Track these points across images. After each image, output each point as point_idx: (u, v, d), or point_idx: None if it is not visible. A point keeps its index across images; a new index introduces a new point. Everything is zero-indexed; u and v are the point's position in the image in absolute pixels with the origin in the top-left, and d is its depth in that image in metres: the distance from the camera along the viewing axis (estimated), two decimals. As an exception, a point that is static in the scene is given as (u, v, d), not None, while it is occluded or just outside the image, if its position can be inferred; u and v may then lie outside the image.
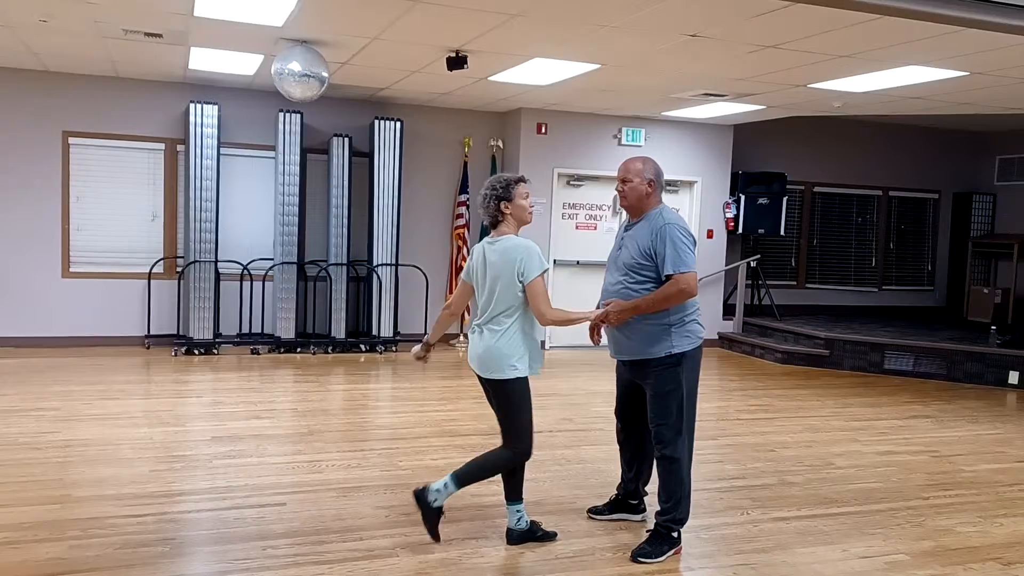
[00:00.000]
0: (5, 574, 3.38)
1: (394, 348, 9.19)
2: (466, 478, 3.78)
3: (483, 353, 3.76)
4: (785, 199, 10.46)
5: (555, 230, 9.79)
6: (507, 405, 3.78)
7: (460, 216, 9.70)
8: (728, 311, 10.55)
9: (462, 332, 9.79)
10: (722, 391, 7.77)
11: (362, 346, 9.10)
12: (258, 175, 9.13)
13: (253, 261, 9.01)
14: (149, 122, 8.73)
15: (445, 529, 3.92)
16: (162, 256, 8.86)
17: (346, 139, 8.93)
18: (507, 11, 5.30)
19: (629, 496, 4.23)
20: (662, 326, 3.76)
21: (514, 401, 3.76)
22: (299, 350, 8.90)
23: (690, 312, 3.81)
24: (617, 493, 4.27)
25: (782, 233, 10.57)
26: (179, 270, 8.77)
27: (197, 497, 4.34)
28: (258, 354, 8.70)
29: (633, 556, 3.75)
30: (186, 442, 5.39)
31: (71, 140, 8.54)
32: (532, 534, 3.93)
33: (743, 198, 10.25)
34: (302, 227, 9.04)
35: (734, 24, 5.33)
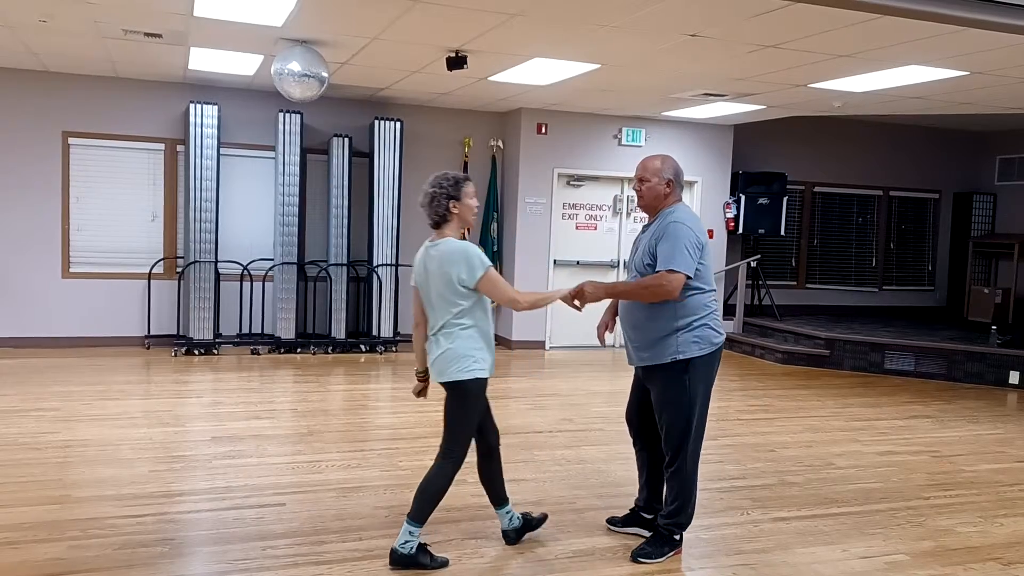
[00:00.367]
0: (5, 574, 3.38)
1: (394, 348, 9.18)
2: (422, 513, 3.56)
3: (440, 357, 3.55)
4: (785, 199, 10.46)
5: (555, 230, 9.79)
6: (461, 407, 3.57)
7: (460, 216, 9.69)
8: (728, 311, 10.54)
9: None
10: (722, 391, 7.76)
11: (362, 346, 9.10)
12: (258, 175, 9.13)
13: (253, 261, 9.01)
14: (149, 122, 8.73)
15: (445, 529, 3.95)
16: (162, 256, 8.86)
17: (346, 139, 8.93)
18: (507, 11, 5.29)
19: (643, 510, 4.04)
20: (668, 330, 3.63)
21: (469, 402, 3.57)
22: (299, 350, 8.90)
23: (701, 316, 3.65)
24: (634, 506, 4.10)
25: (782, 233, 10.57)
26: (179, 270, 8.77)
27: (197, 497, 4.34)
28: (258, 354, 8.70)
29: (633, 556, 3.75)
30: (186, 442, 5.39)
31: (71, 140, 8.54)
32: (528, 526, 3.89)
33: (743, 198, 10.25)
34: (302, 227, 9.04)
35: (734, 24, 5.33)
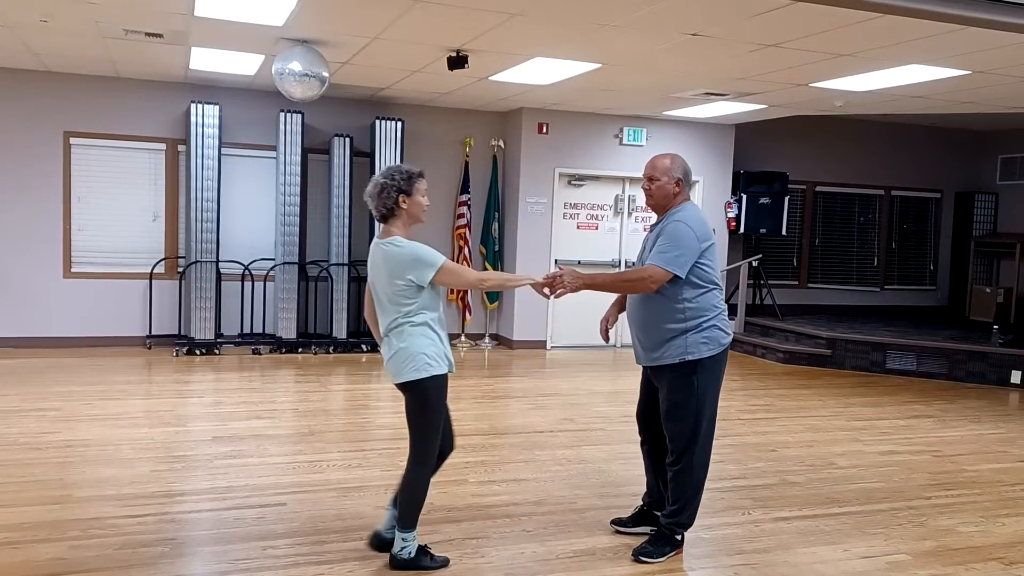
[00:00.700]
0: (5, 574, 3.38)
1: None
2: (408, 519, 3.48)
3: (393, 358, 3.40)
4: (787, 199, 10.45)
5: (556, 230, 9.78)
6: (422, 408, 3.41)
7: (461, 216, 9.70)
8: (730, 311, 10.43)
9: (462, 332, 9.79)
10: (724, 391, 7.62)
11: (363, 346, 9.09)
12: (259, 175, 9.13)
13: (254, 261, 9.01)
14: (150, 122, 8.73)
15: (445, 529, 3.94)
16: (163, 256, 8.86)
17: (347, 139, 8.92)
18: (507, 10, 5.29)
19: (655, 507, 3.96)
20: (678, 331, 3.61)
21: (430, 402, 3.40)
22: (300, 350, 8.90)
23: (710, 316, 3.64)
24: (642, 504, 4.06)
25: (784, 233, 10.55)
26: (180, 270, 8.77)
27: (197, 497, 4.34)
28: (259, 354, 8.70)
29: (634, 555, 3.74)
30: (187, 442, 5.38)
31: (72, 140, 8.54)
32: (388, 545, 3.56)
33: (745, 198, 10.24)
34: (303, 227, 9.04)
35: (735, 23, 5.32)
